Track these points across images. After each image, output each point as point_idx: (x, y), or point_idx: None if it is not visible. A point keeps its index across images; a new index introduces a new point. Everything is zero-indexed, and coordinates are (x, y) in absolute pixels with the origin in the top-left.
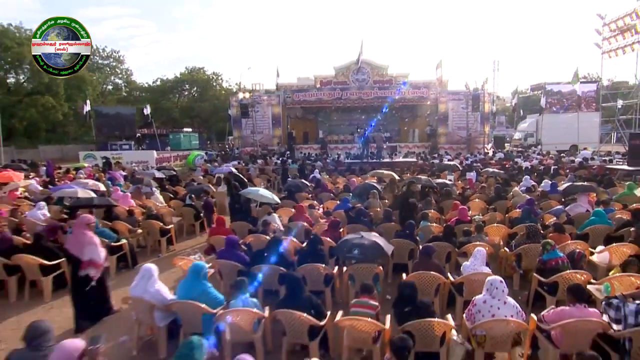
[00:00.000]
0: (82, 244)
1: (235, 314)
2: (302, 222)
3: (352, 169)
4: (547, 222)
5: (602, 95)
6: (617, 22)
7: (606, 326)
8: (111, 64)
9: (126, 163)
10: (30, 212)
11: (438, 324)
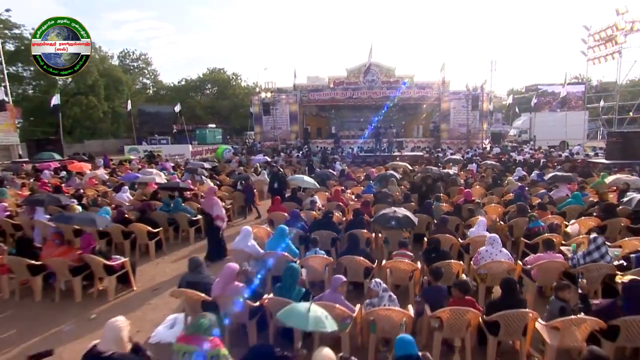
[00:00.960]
0: (212, 205)
1: (312, 260)
2: (339, 202)
3: (367, 161)
4: (533, 203)
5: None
6: (601, 33)
7: (566, 265)
8: (140, 65)
9: (165, 156)
10: (117, 194)
11: (455, 264)
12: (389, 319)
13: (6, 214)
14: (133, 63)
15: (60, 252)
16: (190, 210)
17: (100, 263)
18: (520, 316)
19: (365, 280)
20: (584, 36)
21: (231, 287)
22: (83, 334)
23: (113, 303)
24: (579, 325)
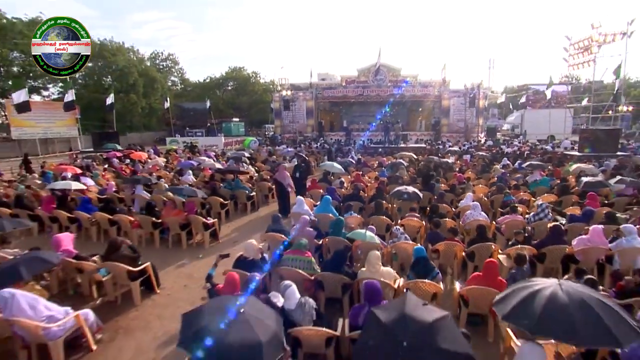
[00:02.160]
0: (284, 177)
1: (349, 218)
2: (360, 183)
3: (377, 151)
4: (511, 184)
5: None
6: (579, 43)
7: (524, 222)
8: (168, 64)
9: (201, 146)
10: (183, 177)
11: (448, 221)
12: (405, 250)
13: (113, 190)
14: (162, 62)
15: (174, 214)
16: (247, 187)
17: (200, 221)
18: (487, 247)
19: (386, 233)
20: (565, 45)
21: (305, 231)
22: (199, 265)
23: (209, 250)
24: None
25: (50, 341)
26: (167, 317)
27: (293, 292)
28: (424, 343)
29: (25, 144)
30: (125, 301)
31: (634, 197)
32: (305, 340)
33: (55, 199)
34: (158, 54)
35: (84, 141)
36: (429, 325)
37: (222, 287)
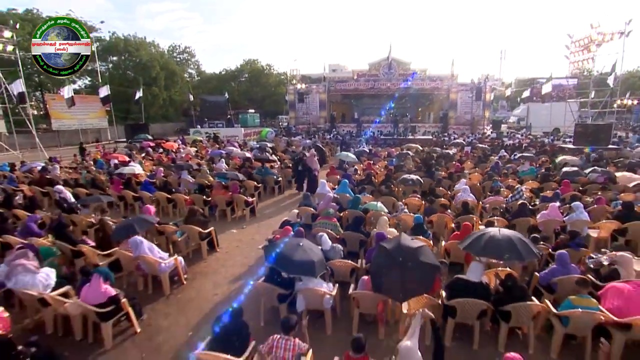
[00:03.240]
0: (313, 161)
1: (365, 198)
2: (372, 170)
3: (387, 143)
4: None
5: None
6: (580, 41)
7: (503, 202)
8: (185, 57)
9: (222, 137)
10: (217, 164)
11: (443, 200)
12: (406, 221)
13: (162, 175)
14: (180, 55)
15: (222, 193)
16: (275, 173)
17: (243, 199)
18: (469, 218)
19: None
20: (567, 43)
21: (329, 205)
22: (244, 233)
23: (252, 221)
24: (494, 220)
25: (161, 273)
26: (229, 266)
27: (326, 239)
28: (411, 258)
29: (62, 135)
30: (195, 256)
31: (603, 184)
32: (336, 270)
33: (122, 181)
34: (176, 47)
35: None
36: (414, 249)
37: (278, 236)
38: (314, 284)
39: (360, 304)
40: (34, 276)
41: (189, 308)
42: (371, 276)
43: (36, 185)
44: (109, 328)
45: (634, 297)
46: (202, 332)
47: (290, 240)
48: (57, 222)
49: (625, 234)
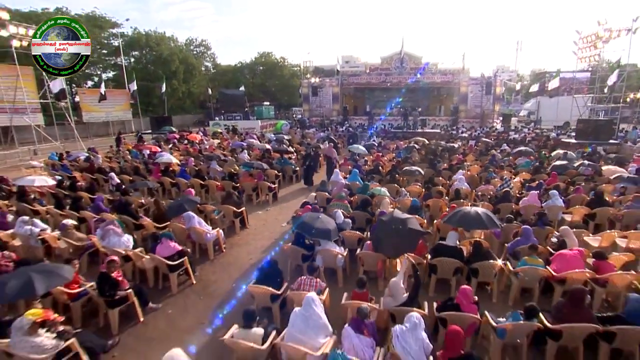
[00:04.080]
0: (332, 152)
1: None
2: (380, 162)
3: (397, 136)
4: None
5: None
6: (587, 38)
7: (493, 190)
8: (201, 50)
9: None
10: (240, 155)
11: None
12: (405, 204)
13: (193, 164)
14: (196, 49)
15: (248, 180)
16: (293, 163)
17: (267, 185)
18: (460, 203)
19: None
20: (575, 39)
21: (341, 190)
22: (268, 214)
23: (274, 204)
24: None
25: (207, 242)
26: (258, 239)
27: (340, 214)
28: (401, 225)
29: (91, 126)
30: (229, 232)
31: (589, 176)
32: (347, 238)
33: (161, 169)
34: (192, 40)
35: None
36: (404, 219)
37: (300, 213)
38: (330, 247)
39: (364, 262)
40: (120, 239)
41: (230, 268)
42: (372, 240)
43: (87, 172)
44: (175, 277)
45: (572, 260)
46: (242, 284)
47: (311, 213)
48: (119, 202)
49: (595, 218)
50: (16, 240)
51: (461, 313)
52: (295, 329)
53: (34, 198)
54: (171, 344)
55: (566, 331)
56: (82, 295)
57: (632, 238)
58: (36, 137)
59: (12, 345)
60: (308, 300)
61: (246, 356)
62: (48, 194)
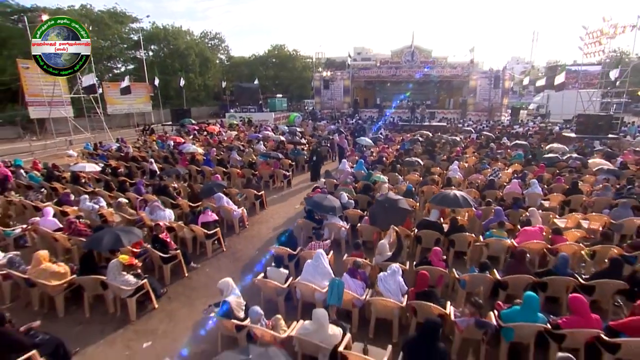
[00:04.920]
0: (343, 142)
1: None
2: (384, 153)
3: (404, 128)
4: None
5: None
6: (593, 34)
7: (484, 179)
8: (216, 43)
9: (255, 121)
10: (256, 146)
11: (436, 176)
12: (401, 189)
13: (215, 154)
14: (211, 41)
15: (266, 168)
16: (305, 154)
17: (282, 173)
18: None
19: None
20: (581, 34)
21: (347, 177)
22: (283, 198)
23: (288, 190)
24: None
25: (234, 218)
26: (276, 218)
27: (344, 195)
28: (392, 204)
29: (115, 118)
30: (251, 211)
31: (576, 168)
32: (350, 216)
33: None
34: (207, 33)
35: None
36: (395, 199)
37: (312, 194)
38: (335, 221)
39: (362, 234)
40: (164, 213)
41: (253, 240)
42: (369, 216)
43: (122, 161)
44: (210, 244)
45: (533, 234)
46: (264, 251)
47: (321, 194)
48: (159, 185)
49: (569, 204)
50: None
51: (431, 267)
52: (307, 274)
53: (84, 182)
54: (210, 291)
55: (511, 281)
56: (142, 253)
57: (592, 220)
58: (69, 128)
59: (108, 279)
60: (317, 255)
61: (271, 293)
62: (93, 179)
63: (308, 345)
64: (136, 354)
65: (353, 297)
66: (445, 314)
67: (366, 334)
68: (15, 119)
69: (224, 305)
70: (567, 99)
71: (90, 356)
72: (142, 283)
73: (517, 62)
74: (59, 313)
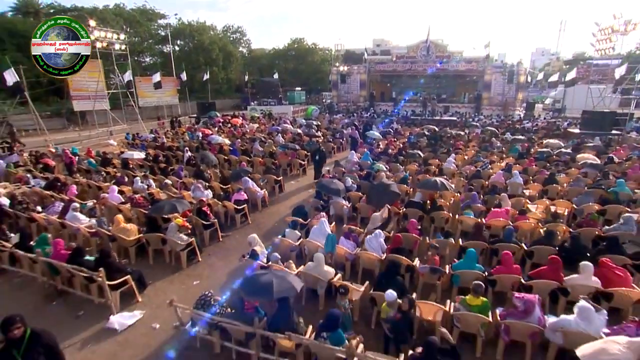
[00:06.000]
0: (355, 133)
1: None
2: (391, 146)
3: (415, 122)
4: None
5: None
6: (605, 30)
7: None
8: (237, 37)
9: (275, 114)
10: (276, 138)
11: (433, 166)
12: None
13: (239, 145)
14: (233, 35)
15: (284, 158)
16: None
17: (298, 162)
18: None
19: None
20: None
21: (353, 166)
22: (299, 183)
23: (303, 176)
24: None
25: (257, 198)
26: (292, 199)
27: (348, 180)
28: (385, 188)
29: (144, 110)
30: (271, 194)
31: (565, 162)
32: (352, 197)
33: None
34: (229, 27)
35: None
36: (388, 184)
37: (326, 176)
38: (339, 200)
39: (361, 211)
40: (203, 192)
41: (273, 215)
42: (366, 197)
43: (159, 150)
44: (238, 217)
45: (499, 214)
46: (281, 223)
47: (329, 179)
48: (196, 170)
49: (547, 193)
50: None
51: (407, 234)
52: (313, 235)
53: (132, 167)
54: (238, 252)
55: (470, 246)
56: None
57: (559, 205)
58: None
59: (167, 236)
60: (321, 221)
61: (286, 249)
62: (137, 165)
63: (310, 278)
64: (189, 288)
65: (346, 252)
66: (411, 263)
67: (355, 279)
68: (61, 112)
69: (252, 252)
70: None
71: (158, 288)
72: (191, 241)
73: (542, 53)
74: (131, 261)
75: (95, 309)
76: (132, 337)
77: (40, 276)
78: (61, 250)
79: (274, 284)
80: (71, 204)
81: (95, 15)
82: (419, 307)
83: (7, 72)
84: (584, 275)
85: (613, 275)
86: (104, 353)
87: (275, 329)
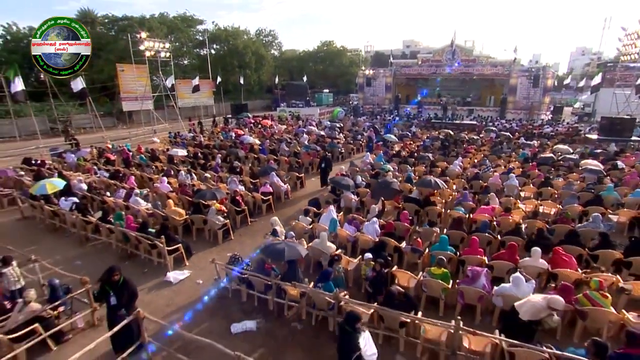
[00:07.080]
0: (372, 134)
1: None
2: (406, 148)
3: (434, 126)
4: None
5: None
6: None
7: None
8: (269, 40)
9: (302, 115)
10: (301, 139)
11: (440, 166)
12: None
13: (267, 144)
14: (265, 38)
15: (307, 157)
16: (339, 146)
17: (318, 162)
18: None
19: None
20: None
21: (366, 166)
22: (318, 180)
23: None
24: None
25: (281, 192)
26: (311, 194)
27: (359, 177)
28: (387, 184)
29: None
30: (293, 188)
31: (567, 167)
32: (361, 193)
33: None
34: (262, 30)
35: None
36: (390, 182)
37: (339, 174)
38: (349, 194)
39: (367, 204)
40: (237, 184)
41: (294, 206)
42: (371, 191)
43: (197, 147)
44: (264, 207)
45: (486, 210)
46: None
47: (341, 176)
48: (231, 166)
49: (542, 195)
50: None
51: (400, 222)
52: (323, 222)
53: (176, 162)
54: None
55: (451, 235)
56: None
57: (546, 205)
58: (151, 119)
59: (208, 217)
60: (329, 209)
61: (300, 231)
62: (179, 160)
63: (316, 251)
64: (223, 258)
65: (347, 235)
66: (398, 245)
67: (355, 256)
68: (112, 111)
69: (274, 231)
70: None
71: (200, 257)
72: (226, 222)
73: (582, 53)
74: (179, 236)
75: (156, 268)
76: (182, 288)
77: (115, 242)
78: (132, 224)
79: (285, 250)
80: (133, 191)
81: (144, 25)
82: (397, 275)
83: (74, 80)
84: (534, 258)
85: (561, 260)
86: (164, 297)
87: (285, 281)
